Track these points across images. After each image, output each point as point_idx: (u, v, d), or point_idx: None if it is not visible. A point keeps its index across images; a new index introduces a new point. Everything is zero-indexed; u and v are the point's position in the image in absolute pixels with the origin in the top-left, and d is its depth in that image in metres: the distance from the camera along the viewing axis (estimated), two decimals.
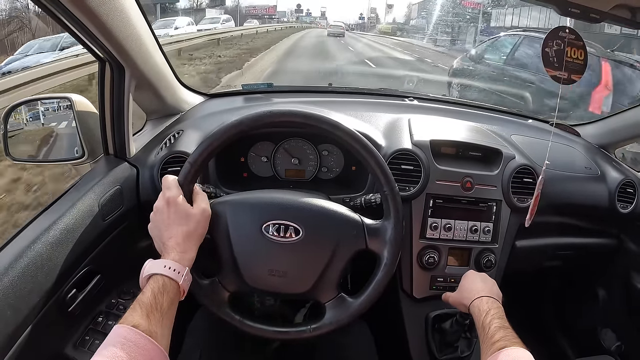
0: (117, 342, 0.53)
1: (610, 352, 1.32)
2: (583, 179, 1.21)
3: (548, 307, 1.60)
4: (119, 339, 0.53)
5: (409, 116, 1.15)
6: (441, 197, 1.00)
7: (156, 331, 0.57)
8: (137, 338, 0.54)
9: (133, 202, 0.95)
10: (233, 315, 0.76)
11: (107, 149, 0.96)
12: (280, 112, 0.77)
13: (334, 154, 1.11)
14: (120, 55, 0.84)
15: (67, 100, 0.96)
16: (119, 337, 0.54)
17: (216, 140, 0.74)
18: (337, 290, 0.77)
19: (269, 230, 0.73)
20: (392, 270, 0.76)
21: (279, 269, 0.74)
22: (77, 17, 0.70)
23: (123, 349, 0.52)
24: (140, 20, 0.86)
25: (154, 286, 0.61)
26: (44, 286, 0.70)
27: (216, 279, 0.76)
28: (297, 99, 1.31)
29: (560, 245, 1.23)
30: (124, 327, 0.55)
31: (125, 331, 0.54)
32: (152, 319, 0.57)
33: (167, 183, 0.72)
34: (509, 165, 1.04)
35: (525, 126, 1.35)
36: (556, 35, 0.78)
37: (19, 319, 0.65)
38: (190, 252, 0.69)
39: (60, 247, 0.74)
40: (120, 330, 0.55)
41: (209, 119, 1.11)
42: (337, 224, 0.76)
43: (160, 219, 0.70)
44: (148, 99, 1.07)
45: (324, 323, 0.76)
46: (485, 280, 0.84)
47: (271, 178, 1.10)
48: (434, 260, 1.00)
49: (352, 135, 0.77)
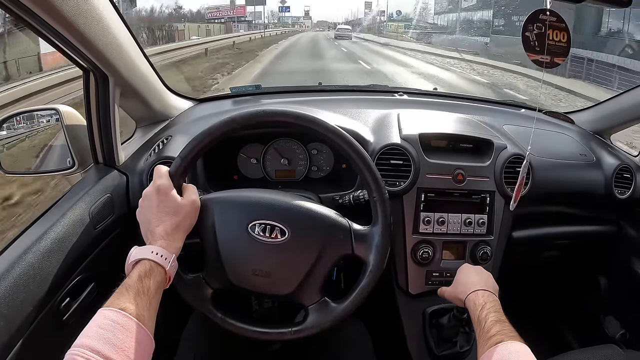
0: (105, 324, 0.52)
1: (615, 341, 1.30)
2: (578, 166, 1.19)
3: (549, 298, 1.58)
4: (106, 321, 0.53)
5: (399, 111, 1.14)
6: (433, 190, 0.99)
7: (143, 314, 0.56)
8: (125, 321, 0.54)
9: (124, 210, 0.95)
10: (215, 312, 0.76)
11: (97, 158, 0.97)
12: (272, 111, 0.77)
13: (323, 153, 1.11)
14: (102, 64, 0.84)
15: (54, 111, 0.96)
16: (106, 320, 0.53)
17: (207, 136, 0.74)
18: (321, 294, 0.77)
19: (254, 230, 0.73)
20: (377, 277, 0.76)
21: (263, 269, 0.74)
22: (55, 28, 0.70)
23: (111, 331, 0.52)
24: (120, 28, 0.86)
25: (141, 270, 0.61)
26: (37, 296, 0.70)
27: (200, 275, 0.76)
28: (287, 99, 1.31)
29: (558, 235, 1.22)
30: (111, 310, 0.54)
31: (112, 314, 0.54)
32: (140, 303, 0.57)
33: (159, 172, 0.72)
34: (501, 156, 1.03)
35: (518, 115, 1.34)
36: (536, 18, 0.77)
37: (13, 329, 0.65)
38: (177, 241, 0.69)
39: (52, 256, 0.74)
40: (108, 312, 0.54)
41: (198, 123, 1.11)
42: (324, 228, 0.76)
43: (148, 206, 0.70)
44: (135, 106, 1.07)
45: (305, 326, 0.75)
46: (481, 273, 0.83)
47: (261, 179, 1.10)
48: (428, 255, 0.99)
49: (343, 138, 0.76)
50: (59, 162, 0.99)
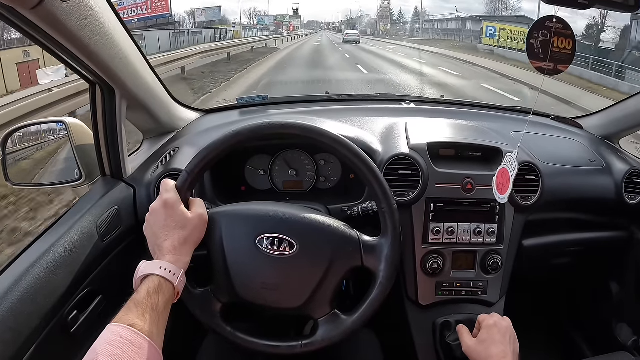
0: (113, 340, 0.52)
1: (627, 348, 1.28)
2: (588, 172, 1.18)
3: (561, 305, 1.56)
4: (115, 337, 0.52)
5: (406, 120, 1.13)
6: (442, 200, 0.98)
7: (152, 331, 0.56)
8: (134, 337, 0.53)
9: (131, 222, 0.95)
10: (224, 326, 0.75)
11: (104, 170, 0.97)
12: (279, 124, 0.77)
13: (331, 163, 1.10)
14: (108, 77, 0.84)
15: (61, 124, 0.96)
16: (115, 336, 0.53)
17: (213, 150, 0.74)
18: (331, 307, 0.76)
19: (263, 243, 0.73)
20: (388, 289, 0.75)
21: (272, 283, 0.74)
22: (61, 42, 0.70)
23: (120, 348, 0.51)
24: (126, 41, 0.86)
25: (150, 286, 0.61)
26: (45, 308, 0.70)
27: (209, 289, 0.76)
28: (293, 110, 1.31)
29: (569, 242, 1.20)
30: (120, 326, 0.54)
31: (121, 330, 0.53)
32: (149, 319, 0.57)
33: (166, 186, 0.72)
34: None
35: (525, 122, 1.33)
36: (542, 25, 0.76)
37: (20, 342, 0.65)
38: (185, 256, 0.68)
39: (60, 269, 0.74)
40: (117, 329, 0.54)
41: (205, 135, 1.11)
42: (332, 240, 0.75)
43: (156, 221, 0.70)
44: (142, 118, 1.07)
45: (316, 339, 0.75)
46: (508, 342, 0.78)
47: (269, 191, 1.10)
48: (438, 266, 0.98)
49: (350, 149, 0.76)
50: (66, 174, 0.99)
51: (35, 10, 0.60)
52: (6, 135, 0.98)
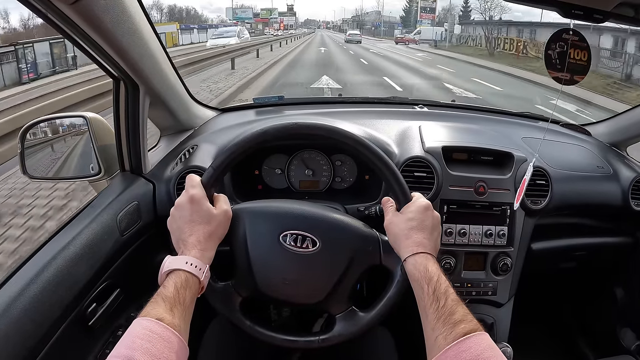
0: (143, 334, 0.52)
1: (630, 352, 1.30)
2: (595, 178, 1.20)
3: (566, 308, 1.58)
4: (144, 331, 0.53)
5: (420, 123, 1.16)
6: (455, 202, 1.00)
7: (180, 325, 0.56)
8: (163, 331, 0.53)
9: (150, 217, 0.96)
10: (244, 320, 0.76)
11: (124, 166, 0.98)
12: (305, 125, 0.78)
13: (347, 164, 1.12)
14: (135, 74, 0.86)
15: (82, 118, 0.97)
16: (144, 330, 0.53)
17: (240, 147, 0.75)
18: (349, 303, 0.77)
19: (286, 240, 0.74)
20: (404, 287, 0.76)
21: (293, 279, 0.75)
22: (94, 38, 0.72)
23: (150, 342, 0.51)
24: (153, 39, 0.87)
25: (177, 281, 0.61)
26: (65, 301, 0.71)
27: (230, 283, 0.77)
28: (308, 111, 1.32)
29: (575, 246, 1.22)
30: (148, 320, 0.54)
31: (150, 323, 0.54)
32: (176, 313, 0.57)
33: (192, 181, 0.72)
34: (522, 168, 1.04)
35: (536, 128, 1.35)
36: (559, 37, 0.79)
37: (40, 333, 0.65)
38: (210, 250, 0.69)
39: (80, 262, 0.75)
40: (145, 322, 0.54)
41: (222, 133, 1.12)
42: (353, 238, 0.76)
43: (181, 215, 0.70)
44: (162, 115, 1.09)
45: (333, 335, 0.76)
46: (429, 227, 0.71)
47: (286, 190, 1.11)
48: (450, 266, 1.00)
49: (375, 153, 0.77)
50: (85, 168, 1.00)
51: (74, 5, 0.62)
52: (25, 128, 0.99)
